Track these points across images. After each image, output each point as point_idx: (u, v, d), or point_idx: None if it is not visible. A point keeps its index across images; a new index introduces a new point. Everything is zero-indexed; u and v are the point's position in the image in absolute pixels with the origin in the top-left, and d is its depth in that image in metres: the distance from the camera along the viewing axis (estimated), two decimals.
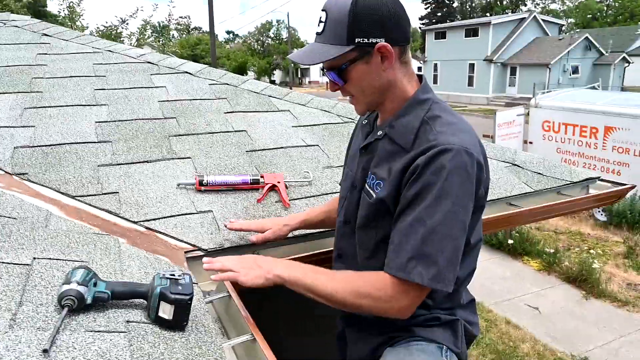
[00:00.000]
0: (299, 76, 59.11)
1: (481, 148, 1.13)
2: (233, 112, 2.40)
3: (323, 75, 1.23)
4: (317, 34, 1.15)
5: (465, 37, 30.07)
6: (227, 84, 2.72)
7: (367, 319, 1.27)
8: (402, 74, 1.16)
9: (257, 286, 1.13)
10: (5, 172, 1.70)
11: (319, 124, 2.38)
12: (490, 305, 5.52)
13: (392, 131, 1.17)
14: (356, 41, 1.08)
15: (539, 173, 2.14)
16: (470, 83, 29.80)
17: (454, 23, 35.59)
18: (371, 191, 1.18)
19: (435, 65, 32.26)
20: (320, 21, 1.14)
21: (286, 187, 1.80)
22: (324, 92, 45.48)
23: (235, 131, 2.21)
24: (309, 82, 57.46)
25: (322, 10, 1.13)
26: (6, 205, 1.42)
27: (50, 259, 1.15)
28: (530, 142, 9.42)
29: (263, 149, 2.08)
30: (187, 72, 2.80)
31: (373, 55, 1.10)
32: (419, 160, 1.05)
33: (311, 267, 1.17)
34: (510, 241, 6.81)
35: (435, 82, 32.40)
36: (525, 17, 29.66)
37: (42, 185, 1.66)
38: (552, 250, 6.66)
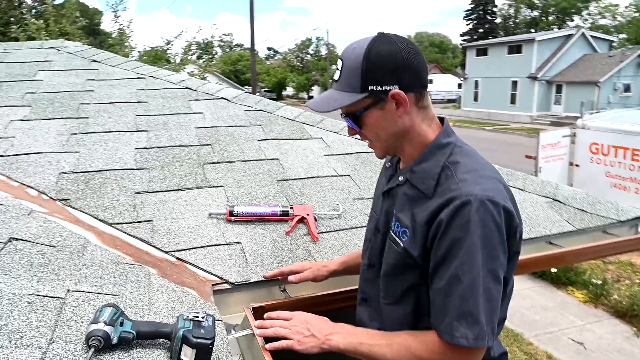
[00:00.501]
0: None
1: (508, 193, 1.10)
2: (266, 139, 2.43)
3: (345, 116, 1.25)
4: (334, 81, 1.18)
5: (508, 53, 29.45)
6: (262, 110, 2.77)
7: None
8: (420, 118, 1.16)
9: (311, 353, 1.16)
10: (50, 197, 1.79)
11: (351, 153, 2.38)
12: (531, 337, 5.27)
13: (413, 177, 1.16)
14: (369, 89, 1.11)
15: (583, 210, 2.04)
16: (512, 101, 29.06)
17: (496, 40, 34.98)
18: (397, 239, 1.16)
19: (476, 82, 31.71)
20: (337, 69, 1.17)
21: (315, 220, 1.80)
22: None
23: (268, 159, 2.24)
24: None
25: (339, 58, 1.17)
26: (47, 233, 1.49)
27: (83, 291, 1.19)
28: (577, 165, 9.02)
29: (294, 179, 2.09)
30: (224, 98, 2.87)
31: (387, 102, 1.11)
32: (443, 215, 1.03)
33: (366, 332, 1.17)
34: (553, 270, 6.51)
35: (475, 99, 31.84)
36: (572, 34, 28.76)
37: (82, 212, 1.73)
38: (599, 282, 6.30)
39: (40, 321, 1.01)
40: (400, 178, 1.21)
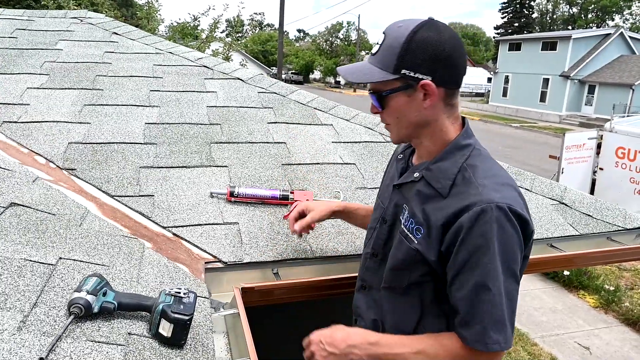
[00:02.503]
0: None
1: (522, 201, 1.09)
2: (276, 122, 2.43)
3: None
4: (372, 54, 1.16)
5: (542, 50, 28.59)
6: (276, 93, 2.76)
7: None
8: (445, 115, 1.15)
9: None
10: (57, 166, 1.83)
11: (359, 142, 2.36)
12: (536, 338, 5.22)
13: (429, 174, 1.15)
14: (402, 72, 1.09)
15: (589, 215, 1.98)
16: (542, 99, 28.30)
17: (531, 35, 34.00)
18: (410, 235, 1.15)
19: (507, 77, 30.96)
20: (377, 43, 1.15)
21: None
22: None
23: (275, 142, 2.24)
24: None
25: (383, 32, 1.14)
26: (49, 200, 1.53)
27: (74, 260, 1.23)
28: (601, 169, 8.78)
29: (299, 164, 2.09)
30: (239, 79, 2.87)
31: (416, 90, 1.10)
32: (463, 220, 1.03)
33: (386, 340, 1.14)
34: (566, 272, 6.40)
35: (504, 95, 31.13)
36: (610, 33, 27.69)
37: (87, 182, 1.77)
38: (612, 288, 6.17)
39: (27, 285, 1.04)
40: (416, 174, 1.19)
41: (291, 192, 1.83)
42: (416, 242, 1.12)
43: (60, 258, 1.20)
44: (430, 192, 1.13)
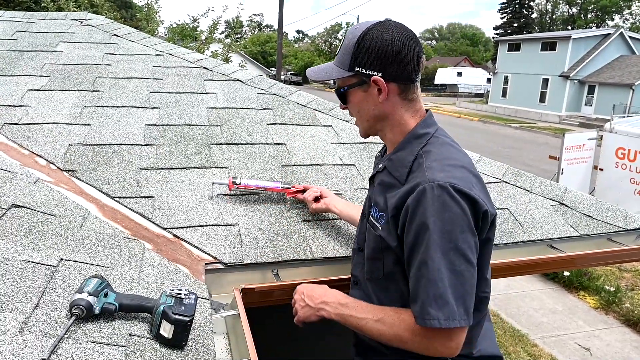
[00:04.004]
0: None
1: (476, 180, 1.13)
2: (276, 123, 2.43)
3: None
4: (335, 55, 1.28)
5: (541, 50, 28.63)
6: (275, 94, 2.76)
7: (375, 353, 1.27)
8: (403, 109, 1.23)
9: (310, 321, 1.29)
10: (58, 167, 1.84)
11: (359, 143, 2.36)
12: (536, 339, 5.22)
13: (390, 164, 1.24)
14: (355, 69, 1.20)
15: (589, 215, 1.99)
16: (542, 99, 28.33)
17: (530, 35, 34.03)
18: (376, 223, 1.22)
19: (506, 77, 30.99)
20: (339, 44, 1.27)
21: None
22: None
23: (275, 144, 2.24)
24: None
25: (343, 36, 1.27)
26: (50, 202, 1.53)
27: (75, 261, 1.23)
28: (601, 169, 8.77)
29: (298, 165, 2.10)
30: (238, 80, 2.88)
31: (370, 85, 1.20)
32: (409, 201, 1.08)
33: (356, 304, 1.22)
34: (566, 273, 6.40)
35: (504, 95, 31.16)
36: (610, 33, 27.71)
37: (87, 184, 1.77)
38: (612, 289, 6.17)
39: (29, 287, 1.04)
40: (380, 166, 1.29)
41: (293, 186, 1.83)
42: (380, 228, 1.19)
43: (62, 259, 1.21)
44: (391, 181, 1.20)
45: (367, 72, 1.18)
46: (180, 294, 1.07)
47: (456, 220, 1.04)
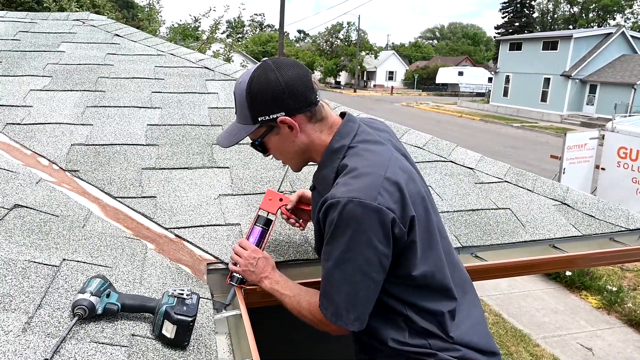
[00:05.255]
0: (365, 79, 59.00)
1: (389, 182, 1.12)
2: None
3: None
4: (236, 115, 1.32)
5: (543, 49, 28.59)
6: None
7: (372, 350, 1.29)
8: (318, 132, 1.25)
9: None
10: (60, 167, 1.84)
11: None
12: (538, 339, 5.22)
13: (317, 183, 1.31)
14: (259, 119, 1.22)
15: (591, 215, 1.98)
16: (543, 98, 28.28)
17: (532, 35, 33.98)
18: (315, 236, 1.34)
19: (507, 77, 30.95)
20: (234, 105, 1.29)
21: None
22: (388, 96, 45.02)
23: None
24: (374, 85, 57.22)
25: (233, 93, 1.29)
26: (53, 202, 1.53)
27: (78, 261, 1.23)
28: (602, 169, 8.76)
29: None
30: None
31: (279, 127, 1.23)
32: (320, 216, 1.16)
33: (286, 283, 1.36)
34: (568, 273, 6.39)
35: (505, 94, 31.12)
36: (612, 32, 27.65)
37: (90, 184, 1.78)
38: (614, 289, 6.16)
39: (32, 287, 1.05)
40: (312, 184, 1.36)
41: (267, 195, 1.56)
42: (316, 241, 1.32)
43: (64, 259, 1.21)
44: (319, 198, 1.22)
45: (271, 117, 1.20)
46: (182, 294, 1.07)
47: (355, 235, 1.09)
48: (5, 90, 2.34)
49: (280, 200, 1.54)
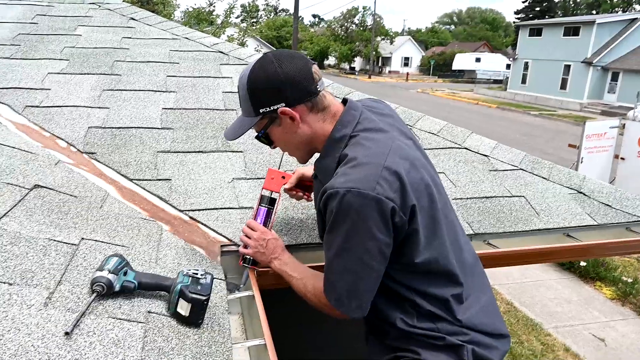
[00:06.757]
0: (380, 65, 58.36)
1: (388, 172, 1.11)
2: None
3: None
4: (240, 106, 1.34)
5: (564, 35, 27.88)
6: None
7: (381, 332, 1.31)
8: (320, 122, 1.26)
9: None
10: (78, 150, 1.88)
11: None
12: (550, 328, 5.20)
13: (319, 172, 1.32)
14: (261, 111, 1.24)
15: (608, 205, 1.96)
16: (563, 86, 27.69)
17: (553, 20, 33.15)
18: (317, 224, 1.36)
19: (526, 64, 30.32)
20: (239, 98, 1.32)
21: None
22: (403, 82, 44.53)
23: None
24: (389, 71, 56.60)
25: (237, 88, 1.31)
26: (71, 183, 1.57)
27: (96, 240, 1.26)
28: (622, 159, 8.59)
29: None
30: None
31: (281, 118, 1.24)
32: (320, 205, 1.18)
33: (294, 265, 1.39)
34: (582, 263, 6.33)
35: (523, 82, 30.54)
36: (637, 18, 26.82)
37: (106, 166, 1.81)
38: (630, 280, 6.09)
39: (52, 264, 1.08)
40: (314, 172, 1.36)
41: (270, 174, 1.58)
42: (319, 228, 1.34)
43: (83, 238, 1.24)
44: (320, 187, 1.23)
45: (272, 108, 1.22)
46: (197, 274, 1.09)
47: (354, 225, 1.11)
48: (24, 73, 2.38)
49: (283, 177, 1.56)
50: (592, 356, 4.69)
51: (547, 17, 43.85)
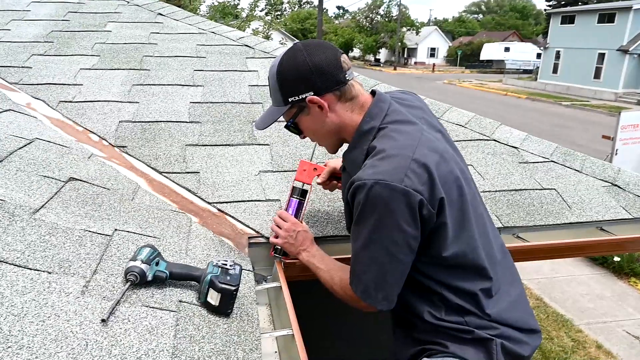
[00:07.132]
0: (405, 56, 57.61)
1: (417, 164, 1.11)
2: None
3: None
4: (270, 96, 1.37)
5: (598, 22, 26.84)
6: None
7: (408, 325, 1.30)
8: (349, 111, 1.26)
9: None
10: (109, 143, 1.93)
11: None
12: (581, 324, 5.07)
13: (347, 164, 1.32)
14: (290, 100, 1.26)
15: None
16: (596, 75, 26.70)
17: (586, 7, 31.93)
18: (345, 215, 1.35)
19: (558, 52, 29.37)
20: (269, 89, 1.35)
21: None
22: (429, 73, 43.84)
23: None
24: (415, 62, 55.81)
25: (267, 78, 1.34)
26: (104, 176, 1.62)
27: (128, 231, 1.30)
28: None
29: None
30: None
31: (309, 107, 1.25)
32: (348, 197, 1.18)
33: (322, 258, 1.40)
34: (616, 258, 6.13)
35: (555, 71, 29.62)
36: None
37: (137, 159, 1.86)
38: None
39: (88, 254, 1.12)
40: (342, 164, 1.36)
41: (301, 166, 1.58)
42: (346, 220, 1.34)
43: (116, 230, 1.28)
44: (348, 179, 1.23)
45: (300, 97, 1.23)
46: (226, 264, 1.11)
47: (381, 217, 1.10)
48: (58, 70, 2.45)
49: (315, 169, 1.56)
50: (626, 354, 4.55)
51: (580, 3, 42.32)
